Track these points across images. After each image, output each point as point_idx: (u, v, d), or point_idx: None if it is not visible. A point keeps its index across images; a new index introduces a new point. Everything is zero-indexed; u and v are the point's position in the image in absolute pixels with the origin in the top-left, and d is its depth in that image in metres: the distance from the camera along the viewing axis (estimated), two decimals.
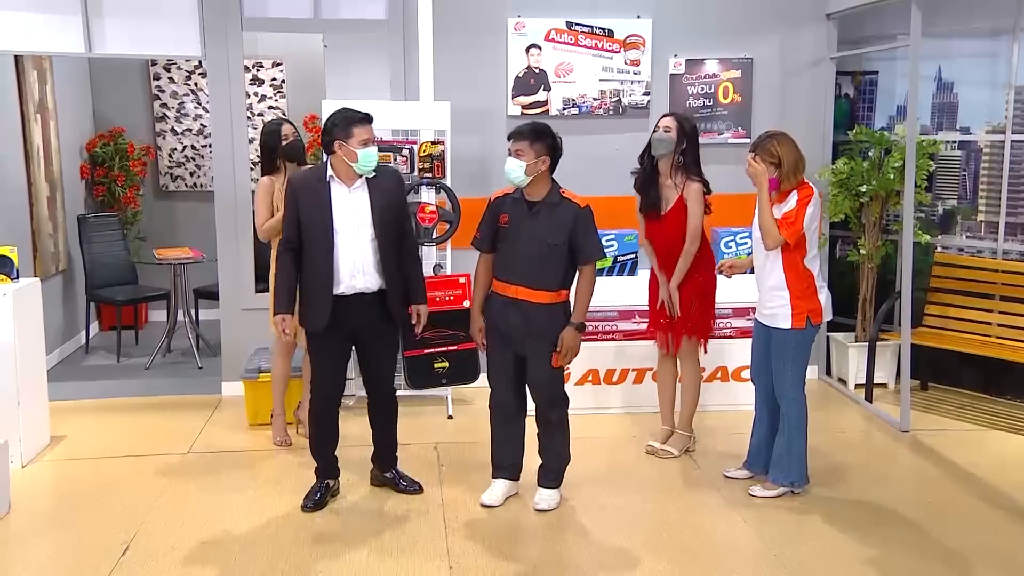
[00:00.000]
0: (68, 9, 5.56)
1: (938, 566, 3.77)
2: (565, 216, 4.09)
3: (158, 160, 8.13)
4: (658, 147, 4.66)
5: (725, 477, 4.58)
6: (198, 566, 3.76)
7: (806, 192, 4.18)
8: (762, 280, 4.34)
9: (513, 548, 3.94)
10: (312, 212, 4.06)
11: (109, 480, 4.67)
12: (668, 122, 4.68)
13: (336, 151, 4.04)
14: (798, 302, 4.21)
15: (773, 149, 4.19)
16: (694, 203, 4.65)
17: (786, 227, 4.15)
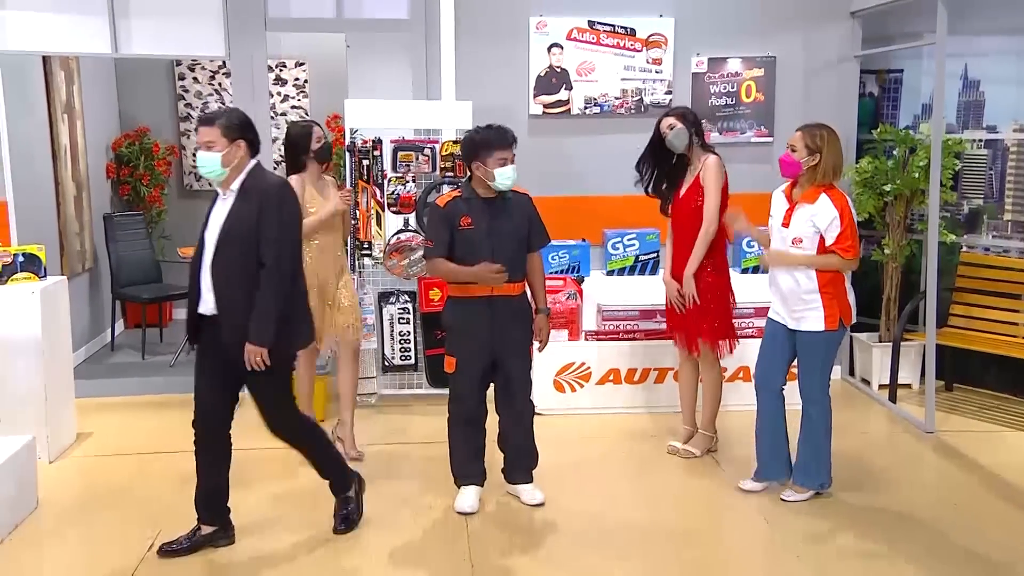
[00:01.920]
0: (95, 10, 5.61)
1: (965, 569, 3.73)
2: (522, 207, 4.20)
3: (183, 159, 8.17)
4: (678, 142, 4.62)
5: (739, 490, 4.41)
6: (223, 561, 3.79)
7: (842, 200, 4.05)
8: (787, 284, 4.16)
9: (534, 545, 3.95)
10: (205, 219, 3.77)
11: (135, 476, 4.72)
12: (669, 120, 4.66)
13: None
14: (831, 303, 4.10)
15: (819, 140, 4.07)
16: (712, 178, 4.58)
17: (845, 248, 4.02)
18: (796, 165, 4.08)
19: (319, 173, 4.82)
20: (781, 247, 4.18)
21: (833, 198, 4.04)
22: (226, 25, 5.75)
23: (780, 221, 4.18)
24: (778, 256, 4.15)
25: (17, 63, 5.90)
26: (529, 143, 5.92)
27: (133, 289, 7.18)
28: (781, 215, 4.18)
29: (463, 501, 4.22)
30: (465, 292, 4.14)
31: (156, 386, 6.22)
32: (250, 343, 3.60)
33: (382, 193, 5.58)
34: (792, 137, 4.15)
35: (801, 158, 4.07)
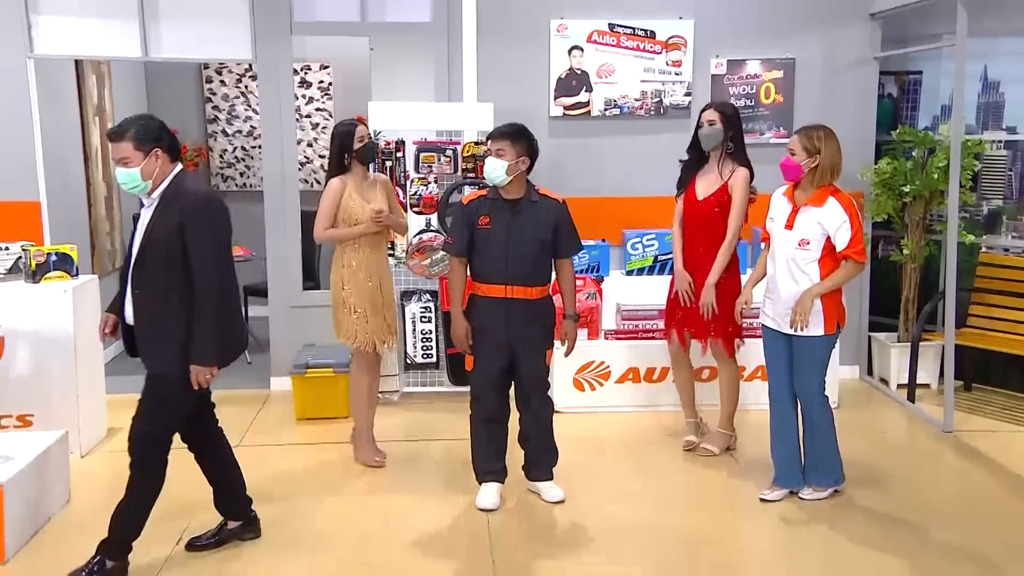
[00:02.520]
0: (126, 15, 5.67)
1: (983, 566, 3.71)
2: (548, 213, 4.16)
3: (210, 161, 8.23)
4: (708, 141, 4.64)
5: (762, 500, 4.31)
6: (248, 558, 3.82)
7: (849, 203, 4.02)
8: (790, 288, 4.10)
9: (554, 542, 3.96)
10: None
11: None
12: (711, 115, 4.63)
13: None
14: (831, 308, 4.08)
15: (817, 141, 4.04)
16: (740, 191, 4.59)
17: (859, 252, 3.99)
18: (797, 168, 4.05)
19: (364, 173, 4.70)
20: (783, 249, 4.11)
21: (841, 201, 4.01)
22: (253, 29, 5.80)
23: (783, 224, 4.12)
24: (805, 302, 4.02)
25: (51, 67, 5.97)
26: (550, 144, 5.94)
27: None
28: (784, 217, 4.13)
29: (484, 498, 4.23)
30: (483, 291, 4.15)
31: None
32: (195, 364, 3.47)
33: (405, 194, 5.61)
34: (791, 141, 4.12)
35: (801, 160, 4.04)
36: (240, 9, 5.79)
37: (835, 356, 5.59)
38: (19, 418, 4.73)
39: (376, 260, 4.69)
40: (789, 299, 4.10)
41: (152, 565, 3.73)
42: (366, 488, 4.52)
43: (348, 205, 4.56)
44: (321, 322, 5.96)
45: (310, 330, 5.98)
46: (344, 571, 3.70)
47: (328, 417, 5.47)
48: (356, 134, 4.58)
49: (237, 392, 6.06)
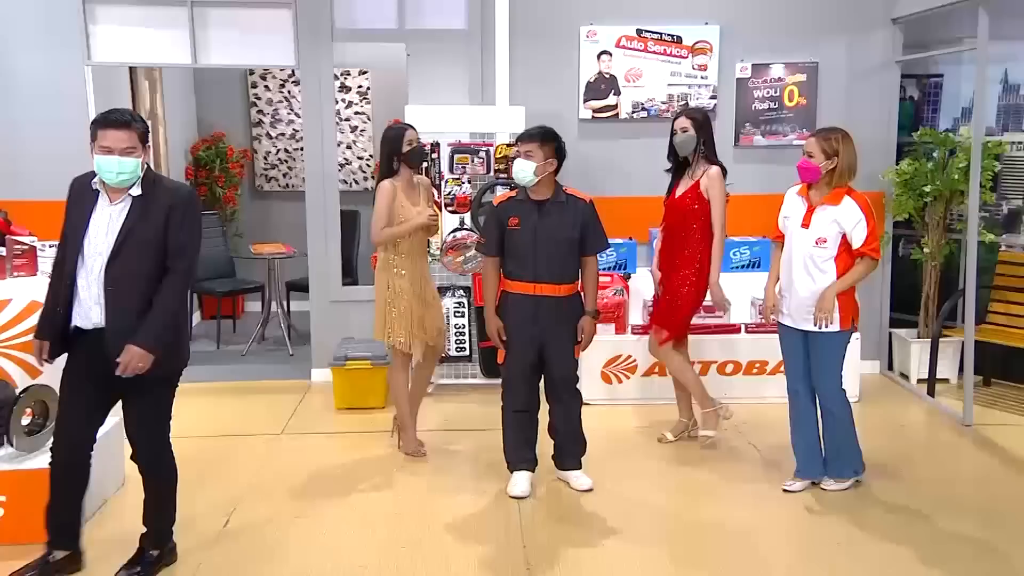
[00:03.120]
0: (177, 24, 5.76)
1: (1003, 558, 3.68)
2: (576, 212, 4.16)
3: (254, 162, 8.33)
4: (683, 147, 4.64)
5: (785, 491, 4.29)
6: (293, 539, 3.87)
7: (865, 202, 3.99)
8: (806, 287, 4.05)
9: (581, 529, 3.98)
10: (73, 220, 3.29)
11: (211, 457, 4.82)
12: (683, 122, 4.64)
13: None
14: (847, 305, 4.04)
15: (835, 143, 3.99)
16: (717, 188, 4.58)
17: (874, 249, 3.97)
18: (815, 170, 4.00)
19: (411, 176, 4.68)
20: (800, 248, 4.07)
21: (856, 200, 3.98)
22: (296, 36, 5.86)
23: (799, 222, 4.07)
24: (827, 300, 3.98)
25: (106, 74, 6.08)
26: (579, 146, 5.96)
27: (209, 283, 7.33)
28: (800, 216, 4.08)
29: (515, 485, 4.26)
30: (514, 288, 4.18)
31: (230, 373, 6.36)
32: (138, 346, 3.20)
33: (439, 193, 5.65)
34: (807, 143, 4.07)
35: (819, 163, 3.99)
36: (284, 18, 5.85)
37: (856, 351, 5.57)
38: None
39: (421, 264, 4.71)
40: (807, 297, 4.06)
41: (201, 546, 3.79)
42: (402, 475, 4.56)
43: (395, 207, 4.57)
44: (359, 316, 6.04)
45: (349, 324, 6.04)
46: (381, 552, 3.73)
47: (366, 407, 5.52)
48: (405, 138, 4.58)
49: (280, 382, 6.15)
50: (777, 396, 5.40)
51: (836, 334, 4.07)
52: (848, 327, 4.09)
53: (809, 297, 4.05)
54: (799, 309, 4.10)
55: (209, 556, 3.69)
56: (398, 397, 4.81)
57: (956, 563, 3.62)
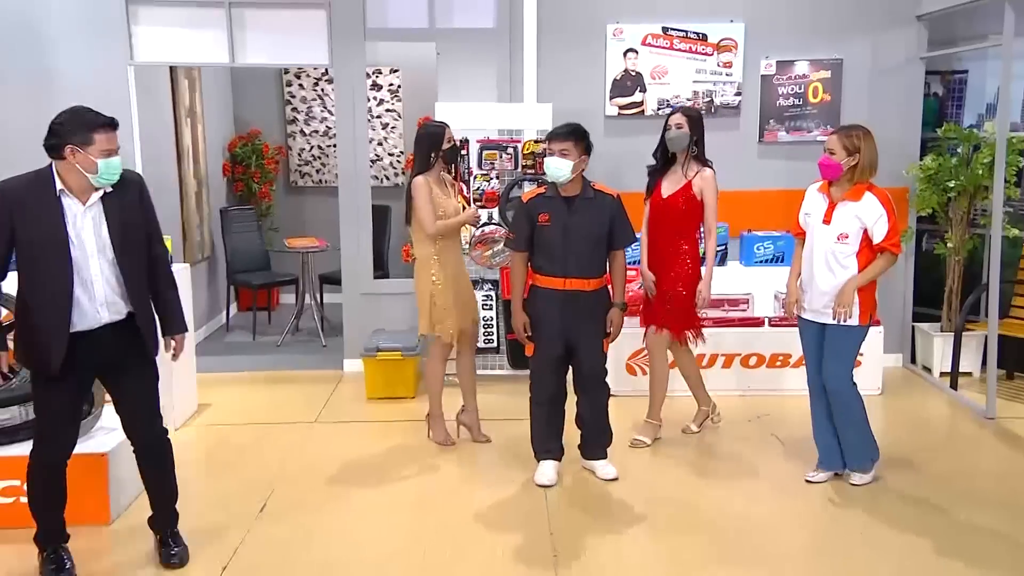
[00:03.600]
0: (215, 25, 5.79)
1: (1020, 554, 3.62)
2: (604, 207, 4.14)
3: (289, 159, 8.37)
4: (675, 144, 4.54)
5: (808, 482, 4.23)
6: (327, 523, 3.89)
7: (885, 197, 3.92)
8: (827, 282, 3.98)
9: (607, 517, 3.96)
10: (40, 231, 3.11)
11: (248, 443, 4.87)
12: (678, 119, 4.55)
13: (67, 157, 3.10)
14: (866, 300, 3.98)
15: (856, 139, 3.91)
16: (711, 190, 4.52)
17: (895, 244, 3.91)
18: (837, 167, 3.93)
19: (440, 172, 4.67)
20: (821, 244, 4.00)
21: (877, 195, 3.91)
22: (330, 36, 5.87)
23: (821, 219, 4.00)
24: (848, 294, 3.92)
25: (148, 73, 6.13)
26: (605, 143, 5.90)
27: (245, 276, 7.40)
28: (821, 213, 4.01)
29: (542, 474, 4.25)
30: (543, 283, 4.15)
31: (265, 363, 6.41)
32: (179, 335, 3.46)
33: (469, 189, 5.64)
34: (829, 141, 3.99)
35: (841, 160, 3.92)
36: (318, 18, 5.86)
37: (879, 344, 5.53)
38: None
39: (459, 258, 4.71)
40: (828, 291, 3.99)
41: (240, 528, 3.82)
42: (431, 463, 4.57)
43: (436, 201, 4.55)
44: (390, 308, 6.06)
45: (380, 316, 6.06)
46: (411, 537, 3.75)
47: (396, 396, 5.54)
48: (446, 135, 4.57)
49: (313, 372, 6.18)
50: (799, 388, 5.32)
51: (853, 328, 4.01)
52: (866, 323, 4.03)
53: (830, 291, 3.99)
54: (819, 303, 4.05)
55: (247, 538, 3.72)
56: (432, 387, 4.79)
57: (976, 555, 3.56)
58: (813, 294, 4.07)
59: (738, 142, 6.02)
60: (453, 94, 6.26)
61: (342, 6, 5.82)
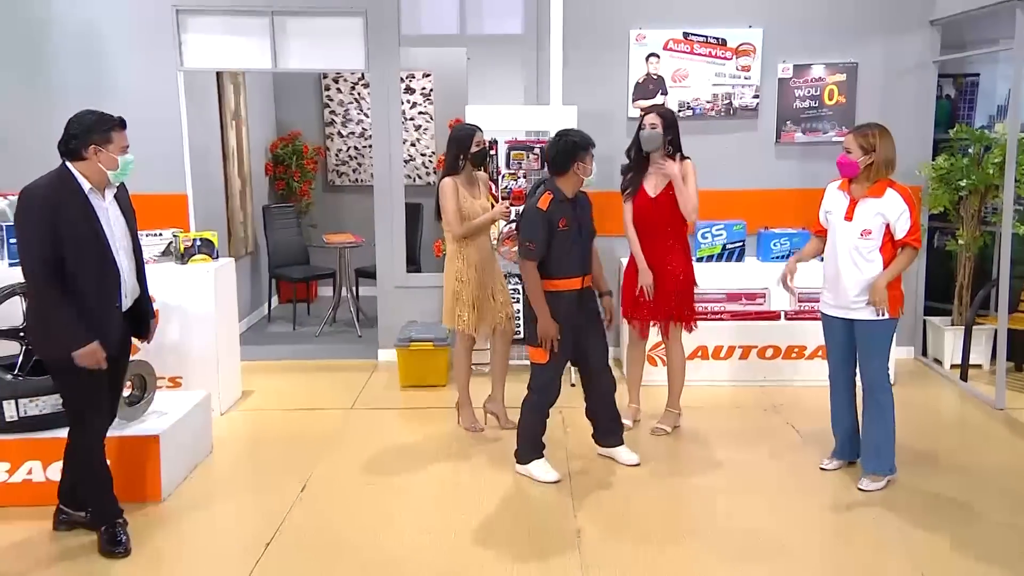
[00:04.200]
0: (259, 32, 5.87)
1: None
2: (588, 205, 4.21)
3: (327, 159, 8.43)
4: (649, 143, 4.50)
5: (822, 470, 4.22)
6: (364, 504, 3.95)
7: (907, 193, 3.86)
8: (852, 278, 3.92)
9: (630, 500, 3.99)
10: (78, 228, 3.20)
11: (289, 428, 4.94)
12: (652, 119, 4.51)
13: (89, 157, 3.23)
14: (894, 293, 3.91)
15: (872, 138, 3.86)
16: (692, 176, 4.52)
17: (917, 239, 3.85)
18: (854, 165, 3.88)
19: (470, 174, 4.66)
20: (844, 240, 3.94)
21: (900, 192, 3.85)
22: (366, 42, 5.93)
23: (842, 216, 3.94)
24: (880, 290, 3.85)
25: (196, 78, 6.22)
26: (628, 143, 5.92)
27: (286, 270, 7.47)
28: (843, 210, 3.94)
29: (549, 472, 4.15)
30: (562, 286, 4.05)
31: (304, 352, 6.47)
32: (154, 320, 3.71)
33: (497, 187, 5.68)
34: (846, 140, 3.95)
35: (857, 158, 3.87)
36: (355, 26, 5.92)
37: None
38: (170, 380, 4.94)
39: (487, 255, 4.72)
40: (853, 287, 3.93)
41: (281, 507, 3.89)
42: (461, 447, 4.61)
43: (463, 202, 4.58)
44: (422, 301, 6.12)
45: (413, 308, 6.13)
46: (443, 517, 3.80)
47: (428, 384, 5.60)
48: (474, 139, 4.58)
49: (349, 361, 6.25)
50: (814, 379, 5.37)
51: (885, 321, 3.94)
52: (896, 315, 3.95)
53: (855, 286, 3.92)
54: (846, 298, 3.97)
55: (289, 517, 3.79)
56: (459, 377, 4.85)
57: (987, 546, 3.56)
58: (839, 290, 3.99)
59: (756, 143, 6.02)
60: (482, 97, 6.29)
61: (378, 14, 5.88)
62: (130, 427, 4.00)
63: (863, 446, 4.12)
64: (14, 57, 5.84)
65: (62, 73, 5.86)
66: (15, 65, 5.85)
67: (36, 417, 3.87)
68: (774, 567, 3.37)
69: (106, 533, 3.48)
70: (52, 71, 5.86)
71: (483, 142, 4.64)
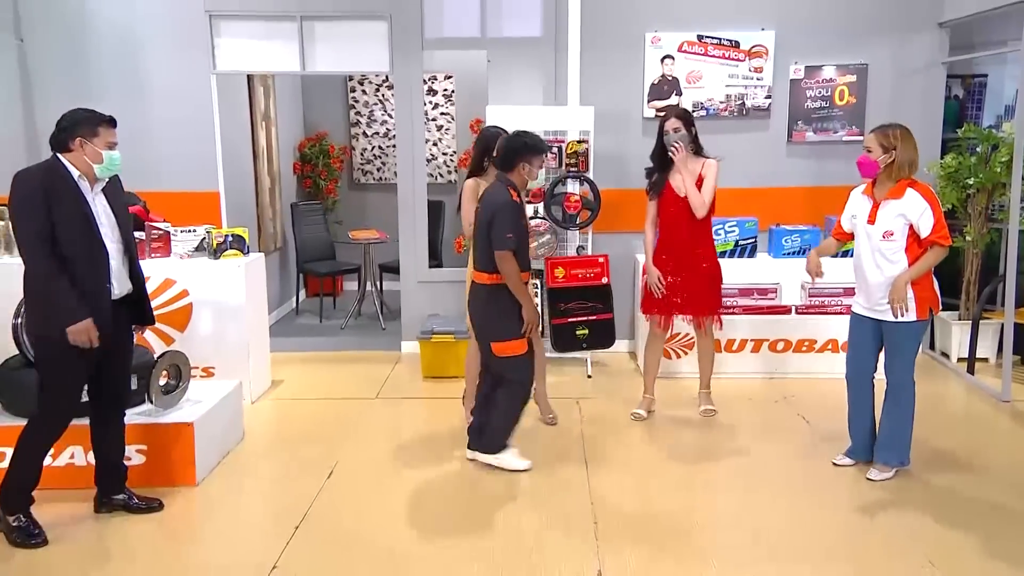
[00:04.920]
0: (288, 36, 5.89)
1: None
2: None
3: (352, 158, 8.44)
4: (682, 144, 4.51)
5: (835, 465, 4.13)
6: (388, 488, 3.96)
7: (928, 191, 3.74)
8: (878, 279, 3.81)
9: (645, 480, 3.98)
10: (68, 210, 3.24)
11: (317, 416, 4.95)
12: (674, 123, 4.52)
13: (75, 149, 3.28)
14: (922, 294, 3.79)
15: (892, 138, 3.76)
16: (713, 176, 4.51)
17: (943, 236, 3.71)
18: (874, 165, 3.78)
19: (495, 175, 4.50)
20: (868, 243, 3.85)
21: (920, 191, 3.73)
22: (390, 46, 5.92)
23: (866, 219, 3.85)
24: (900, 289, 3.74)
25: (228, 81, 6.24)
26: (643, 142, 5.90)
27: (313, 265, 7.48)
28: (866, 213, 3.85)
29: (519, 460, 4.12)
30: (525, 278, 4.01)
31: (330, 344, 6.49)
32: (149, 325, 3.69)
33: None
34: (867, 139, 3.85)
35: (878, 157, 3.77)
36: (380, 30, 5.92)
37: None
38: (204, 370, 4.98)
39: None
40: (877, 287, 3.83)
41: (310, 491, 3.91)
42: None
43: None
44: (444, 295, 6.12)
45: (435, 302, 6.13)
46: (467, 502, 3.81)
47: (449, 375, 5.60)
48: (499, 141, 4.45)
49: (373, 353, 6.27)
50: (824, 372, 5.34)
51: (912, 323, 3.81)
52: (924, 317, 3.82)
53: (880, 287, 3.82)
54: (873, 299, 3.87)
55: (317, 501, 3.81)
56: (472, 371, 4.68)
57: (993, 535, 3.52)
58: (867, 291, 3.90)
59: (768, 142, 5.97)
60: (502, 98, 6.27)
61: (402, 18, 5.87)
62: (166, 415, 4.03)
63: (881, 436, 4.00)
64: (58, 60, 5.89)
65: (102, 75, 5.90)
66: (59, 67, 5.89)
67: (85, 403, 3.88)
68: (783, 556, 3.34)
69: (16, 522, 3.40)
70: (92, 73, 5.90)
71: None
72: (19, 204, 3.22)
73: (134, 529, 3.55)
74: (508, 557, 3.31)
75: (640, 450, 4.38)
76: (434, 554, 3.35)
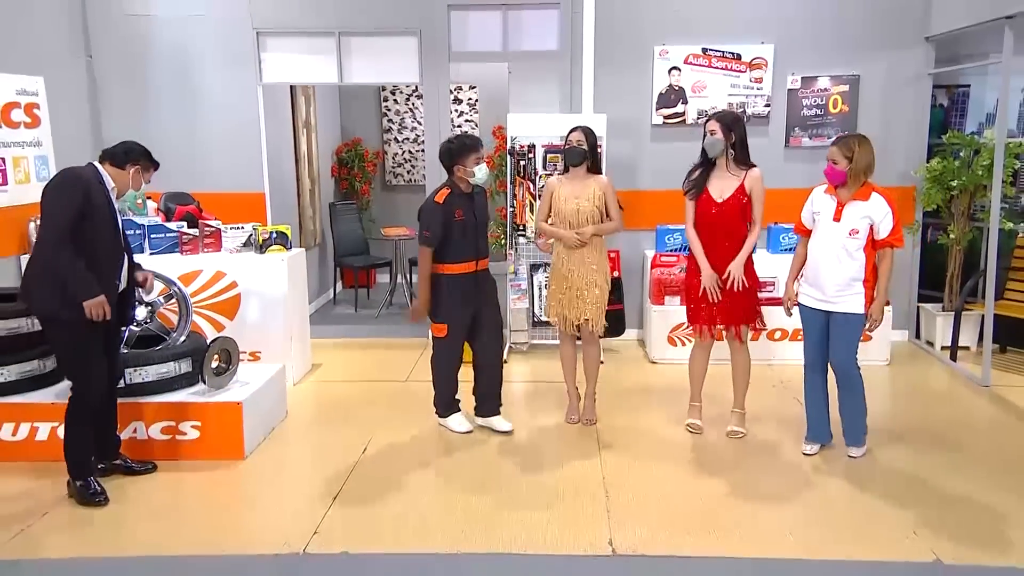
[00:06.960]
0: (327, 51, 5.89)
1: (1009, 494, 3.52)
2: (484, 198, 4.24)
3: (385, 161, 8.45)
4: (712, 149, 4.10)
5: (805, 455, 4.01)
6: (417, 463, 3.97)
7: (890, 197, 3.74)
8: (837, 273, 3.77)
9: (653, 462, 3.96)
10: (101, 212, 3.39)
11: (353, 396, 4.97)
12: (713, 126, 4.05)
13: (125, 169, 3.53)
14: (869, 289, 3.80)
15: (852, 146, 3.72)
16: (759, 188, 4.09)
17: (899, 238, 3.74)
18: (840, 174, 3.75)
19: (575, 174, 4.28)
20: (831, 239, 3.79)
21: (884, 196, 3.74)
22: (420, 58, 5.91)
23: (831, 217, 3.80)
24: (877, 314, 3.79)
25: (273, 91, 6.26)
26: (651, 147, 5.88)
27: (348, 259, 7.51)
28: (831, 212, 3.81)
29: (463, 424, 4.35)
30: (459, 269, 4.08)
31: (364, 332, 6.50)
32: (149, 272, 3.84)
33: (535, 187, 5.65)
34: (830, 151, 3.78)
35: (844, 168, 3.74)
36: (411, 44, 5.91)
37: (888, 321, 5.41)
38: (251, 354, 5.01)
39: (577, 255, 4.25)
40: (834, 281, 3.79)
41: (347, 465, 3.93)
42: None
43: (553, 200, 4.31)
44: None
45: None
46: (492, 476, 3.80)
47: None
48: (569, 136, 4.26)
49: (403, 340, 6.26)
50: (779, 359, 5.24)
51: (858, 315, 3.82)
52: (868, 311, 3.82)
53: (837, 282, 3.79)
54: (827, 292, 3.83)
55: (352, 477, 3.82)
56: (563, 367, 4.50)
57: (968, 508, 3.48)
58: (821, 284, 3.85)
59: (767, 147, 5.90)
60: (522, 106, 6.25)
61: (431, 34, 5.85)
62: (217, 395, 4.06)
63: (844, 422, 3.99)
64: (122, 74, 5.92)
65: (161, 89, 5.93)
66: (123, 81, 5.93)
67: (140, 384, 3.96)
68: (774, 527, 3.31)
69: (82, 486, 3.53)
70: (152, 86, 5.93)
71: (576, 141, 4.21)
72: (59, 193, 3.33)
73: (187, 494, 3.58)
74: (526, 530, 3.30)
75: (649, 432, 4.36)
76: (461, 520, 3.35)
